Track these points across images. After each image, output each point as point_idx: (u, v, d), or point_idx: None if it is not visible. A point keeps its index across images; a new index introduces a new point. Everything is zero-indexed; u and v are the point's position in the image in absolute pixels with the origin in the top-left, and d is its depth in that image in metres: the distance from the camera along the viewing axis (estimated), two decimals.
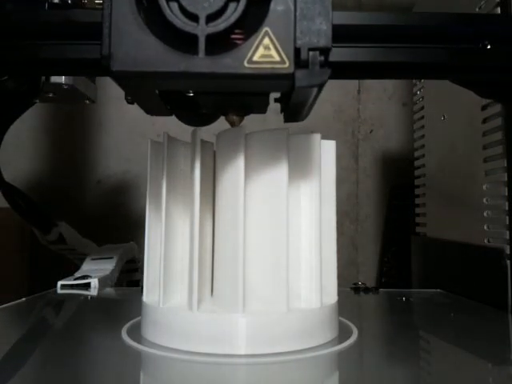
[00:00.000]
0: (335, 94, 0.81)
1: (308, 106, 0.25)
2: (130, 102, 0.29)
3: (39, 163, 0.80)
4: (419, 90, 0.63)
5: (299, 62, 0.20)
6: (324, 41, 0.20)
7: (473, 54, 0.26)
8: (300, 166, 0.30)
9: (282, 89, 0.24)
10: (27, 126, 0.79)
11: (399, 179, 0.77)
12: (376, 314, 0.45)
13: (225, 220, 0.30)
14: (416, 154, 0.64)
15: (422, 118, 0.62)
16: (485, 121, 0.45)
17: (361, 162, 0.81)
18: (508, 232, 0.41)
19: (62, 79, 0.47)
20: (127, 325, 0.32)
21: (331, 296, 0.31)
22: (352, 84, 0.82)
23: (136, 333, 0.30)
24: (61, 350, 0.30)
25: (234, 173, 0.28)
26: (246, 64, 0.20)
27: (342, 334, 0.30)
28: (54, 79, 0.46)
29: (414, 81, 0.65)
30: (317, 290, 0.29)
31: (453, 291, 0.48)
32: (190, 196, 0.29)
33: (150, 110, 0.29)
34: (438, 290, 0.50)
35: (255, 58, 0.20)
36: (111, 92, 0.79)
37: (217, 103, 0.29)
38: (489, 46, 0.25)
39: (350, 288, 0.49)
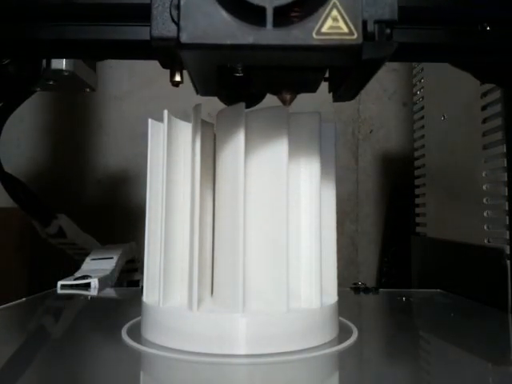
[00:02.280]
0: None
1: (366, 81, 0.25)
2: (176, 85, 0.28)
3: (39, 164, 0.80)
4: (419, 90, 0.63)
5: (366, 34, 0.20)
6: (390, 14, 0.21)
7: (472, 35, 0.26)
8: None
9: (347, 61, 0.23)
10: (27, 127, 0.79)
11: (399, 179, 0.77)
12: (376, 314, 0.45)
13: (225, 210, 0.29)
14: (416, 154, 0.64)
15: (422, 118, 0.62)
16: (485, 121, 0.45)
17: (361, 161, 0.81)
18: (508, 232, 0.41)
19: (63, 65, 0.45)
20: (127, 325, 0.32)
21: (331, 296, 0.30)
22: None
23: (136, 333, 0.30)
24: (61, 350, 0.30)
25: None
26: (314, 35, 0.20)
27: (342, 334, 0.30)
28: (55, 65, 0.44)
29: (413, 81, 0.65)
30: (317, 290, 0.29)
31: (453, 291, 0.48)
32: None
33: (203, 89, 0.29)
34: (438, 290, 0.50)
35: (324, 30, 0.20)
36: (111, 92, 0.79)
37: (271, 80, 0.29)
38: (488, 28, 0.25)
39: (349, 288, 0.49)
